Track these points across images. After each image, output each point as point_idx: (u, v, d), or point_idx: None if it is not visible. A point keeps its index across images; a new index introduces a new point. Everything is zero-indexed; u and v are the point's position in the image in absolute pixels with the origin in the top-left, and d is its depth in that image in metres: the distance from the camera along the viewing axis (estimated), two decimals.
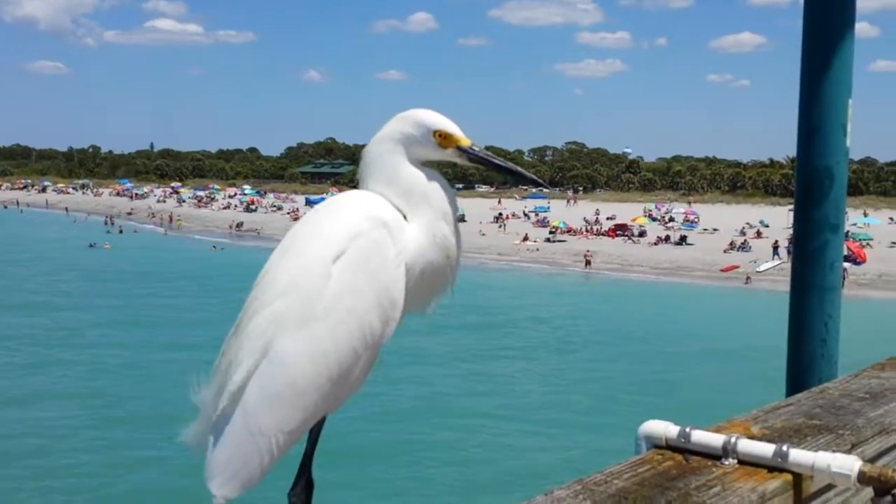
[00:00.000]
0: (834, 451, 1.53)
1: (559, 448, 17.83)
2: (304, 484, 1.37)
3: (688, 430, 1.62)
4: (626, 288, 45.22)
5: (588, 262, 54.40)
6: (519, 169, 1.57)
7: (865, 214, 70.49)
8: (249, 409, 1.32)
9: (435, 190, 1.46)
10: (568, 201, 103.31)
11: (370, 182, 1.48)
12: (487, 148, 1.58)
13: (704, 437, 1.60)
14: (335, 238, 1.37)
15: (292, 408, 1.31)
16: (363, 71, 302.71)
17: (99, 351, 26.97)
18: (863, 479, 1.46)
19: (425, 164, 1.49)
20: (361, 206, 1.42)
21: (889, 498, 1.47)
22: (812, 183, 2.47)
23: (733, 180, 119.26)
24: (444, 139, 1.49)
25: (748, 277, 47.29)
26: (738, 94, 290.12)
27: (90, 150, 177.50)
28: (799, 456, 1.50)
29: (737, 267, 50.93)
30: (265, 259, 1.46)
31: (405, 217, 1.44)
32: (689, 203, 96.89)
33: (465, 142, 1.51)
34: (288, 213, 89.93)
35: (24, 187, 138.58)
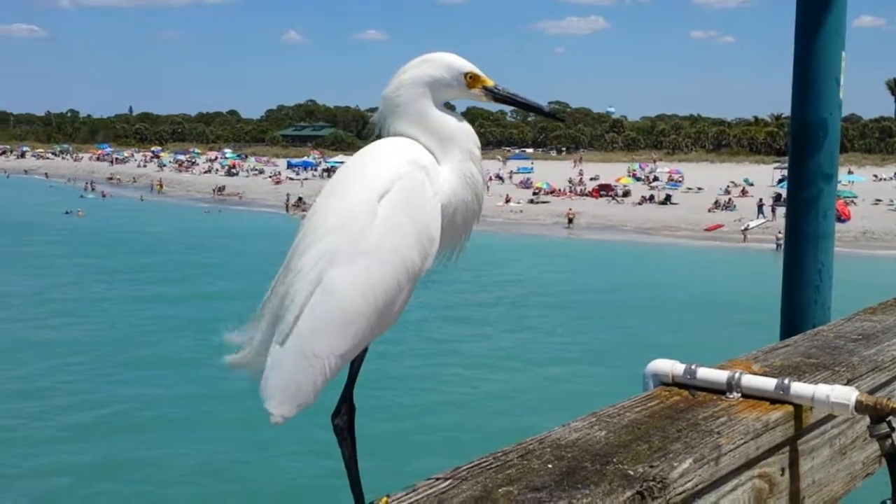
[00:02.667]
0: (833, 385, 1.63)
1: (561, 395, 18.25)
2: (346, 408, 1.48)
3: (693, 367, 1.71)
4: (611, 247, 45.49)
5: (570, 220, 54.64)
6: (540, 105, 1.68)
7: (850, 172, 70.70)
8: (304, 335, 1.42)
9: (462, 131, 1.54)
10: (574, 162, 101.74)
11: (401, 126, 1.55)
12: (470, 109, 1.68)
13: (709, 374, 1.69)
14: (379, 180, 1.46)
15: (344, 334, 1.42)
16: (343, 31, 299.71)
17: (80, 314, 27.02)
18: (860, 408, 1.55)
19: (445, 106, 1.57)
20: (402, 151, 1.50)
21: (884, 425, 1.57)
22: (807, 134, 2.54)
23: (718, 139, 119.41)
24: (472, 80, 1.57)
25: (744, 233, 47.49)
26: (723, 51, 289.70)
27: (68, 114, 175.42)
28: (800, 388, 1.60)
29: (721, 226, 51.25)
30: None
31: (436, 159, 1.52)
32: (654, 161, 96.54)
33: (490, 82, 1.61)
34: (270, 177, 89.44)
35: (3, 153, 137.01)
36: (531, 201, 64.98)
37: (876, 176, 77.20)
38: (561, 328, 26.19)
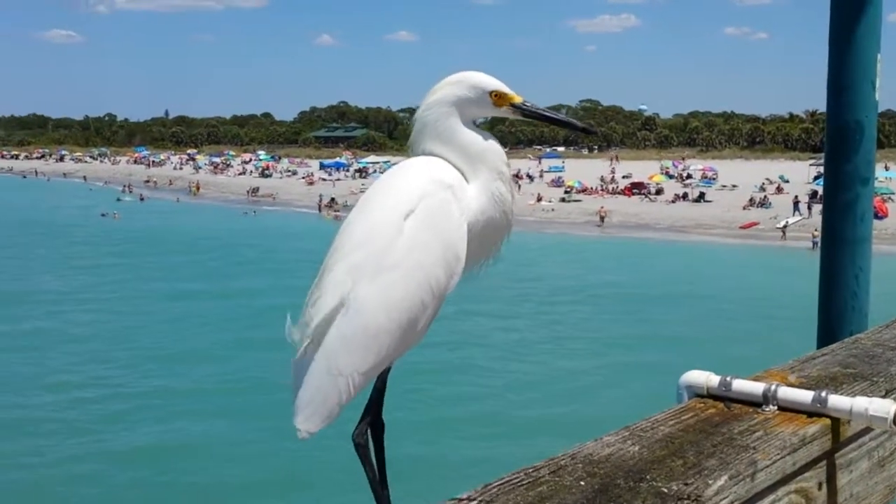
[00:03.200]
0: (872, 397, 1.60)
1: (596, 403, 18.15)
2: (367, 423, 1.48)
3: (728, 378, 1.69)
4: (644, 246, 45.22)
5: (602, 219, 54.41)
6: (571, 120, 1.69)
7: (887, 168, 69.40)
8: (329, 351, 1.46)
9: (489, 150, 1.55)
10: (610, 161, 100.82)
11: (429, 145, 1.57)
12: None
13: (745, 386, 1.66)
14: (405, 198, 1.48)
15: (366, 350, 1.45)
16: (374, 33, 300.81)
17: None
18: None
19: (475, 123, 1.58)
20: (428, 170, 1.52)
21: None
22: (842, 137, 2.51)
23: (752, 135, 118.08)
24: (499, 98, 1.59)
25: (783, 231, 46.80)
26: (757, 47, 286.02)
27: (106, 118, 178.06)
28: (837, 401, 1.57)
29: (756, 224, 50.64)
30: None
31: (465, 177, 1.52)
32: (682, 159, 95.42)
33: (518, 98, 1.62)
34: (303, 178, 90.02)
35: (42, 156, 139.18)
36: (563, 200, 64.69)
37: None
38: (591, 327, 26.14)
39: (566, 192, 67.63)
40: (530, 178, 79.77)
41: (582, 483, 1.32)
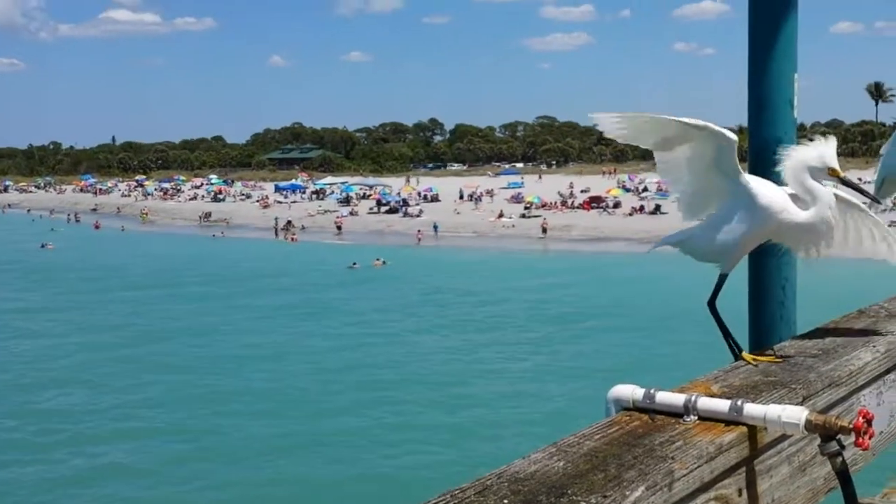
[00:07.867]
0: (785, 405, 1.67)
1: (532, 418, 18.26)
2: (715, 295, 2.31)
3: (652, 391, 1.75)
4: (597, 258, 45.72)
5: (544, 230, 55.64)
6: (868, 193, 2.42)
7: None
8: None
9: (825, 197, 2.16)
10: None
11: (789, 180, 2.19)
12: (459, 126, 1.75)
13: (668, 398, 1.72)
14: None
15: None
16: (328, 54, 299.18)
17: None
18: (809, 426, 1.59)
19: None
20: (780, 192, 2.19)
21: (834, 443, 1.61)
22: (763, 153, 2.60)
23: None
24: (832, 171, 2.18)
25: None
26: (705, 62, 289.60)
27: (51, 146, 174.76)
28: (752, 409, 1.63)
29: None
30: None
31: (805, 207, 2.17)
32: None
33: (841, 173, 2.20)
34: (257, 201, 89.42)
35: None
36: (523, 216, 65.20)
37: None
38: (533, 341, 26.50)
39: (526, 207, 68.16)
40: (474, 199, 77.47)
41: (506, 501, 1.36)
